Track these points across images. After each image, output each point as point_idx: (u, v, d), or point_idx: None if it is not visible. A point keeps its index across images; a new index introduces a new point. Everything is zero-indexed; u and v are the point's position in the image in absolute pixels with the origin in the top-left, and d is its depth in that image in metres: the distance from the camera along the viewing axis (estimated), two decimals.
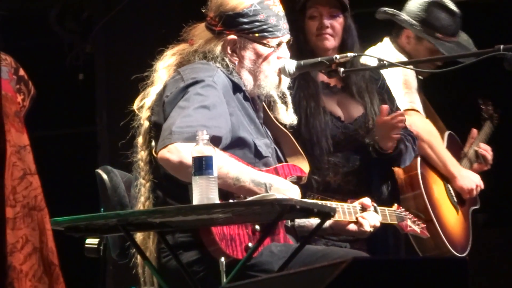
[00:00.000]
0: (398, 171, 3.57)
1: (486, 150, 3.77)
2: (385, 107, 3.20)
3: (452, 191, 3.72)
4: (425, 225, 3.21)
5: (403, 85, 3.64)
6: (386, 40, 3.82)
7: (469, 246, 3.72)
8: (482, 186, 3.69)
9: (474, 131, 3.89)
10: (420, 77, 3.76)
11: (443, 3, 3.67)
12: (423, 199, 3.54)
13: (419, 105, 3.67)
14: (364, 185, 3.30)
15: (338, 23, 3.36)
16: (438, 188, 3.67)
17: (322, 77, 3.35)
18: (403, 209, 3.14)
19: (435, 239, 3.49)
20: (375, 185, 3.32)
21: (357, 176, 3.32)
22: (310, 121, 3.26)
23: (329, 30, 3.32)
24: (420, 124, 3.57)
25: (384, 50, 3.75)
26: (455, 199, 3.74)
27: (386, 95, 3.39)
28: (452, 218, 3.73)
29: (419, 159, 3.58)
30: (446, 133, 3.87)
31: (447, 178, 3.70)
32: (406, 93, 3.64)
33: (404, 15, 3.69)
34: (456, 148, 3.88)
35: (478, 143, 3.87)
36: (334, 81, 3.42)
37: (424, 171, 3.61)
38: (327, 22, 3.33)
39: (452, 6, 3.73)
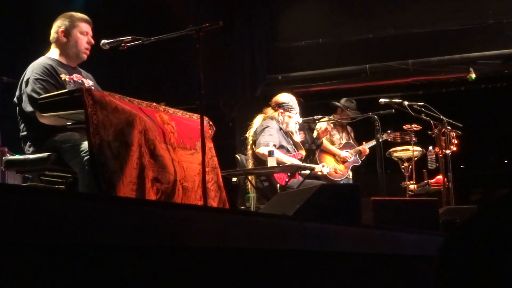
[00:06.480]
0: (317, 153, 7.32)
1: (364, 150, 7.62)
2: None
3: (338, 159, 7.44)
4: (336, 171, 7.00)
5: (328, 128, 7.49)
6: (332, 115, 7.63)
7: (347, 175, 7.39)
8: (350, 159, 7.45)
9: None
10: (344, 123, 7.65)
11: (351, 99, 7.67)
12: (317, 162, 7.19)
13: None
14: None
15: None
16: (330, 159, 7.39)
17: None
18: (330, 167, 6.90)
19: (330, 179, 7.14)
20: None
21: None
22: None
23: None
24: (324, 141, 7.39)
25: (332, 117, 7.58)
26: (340, 163, 7.41)
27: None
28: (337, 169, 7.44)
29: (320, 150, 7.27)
30: (344, 142, 7.68)
31: (335, 155, 7.46)
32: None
33: (340, 104, 7.65)
34: (348, 146, 7.59)
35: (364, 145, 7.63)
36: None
37: (320, 154, 7.34)
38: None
39: (352, 101, 7.67)
